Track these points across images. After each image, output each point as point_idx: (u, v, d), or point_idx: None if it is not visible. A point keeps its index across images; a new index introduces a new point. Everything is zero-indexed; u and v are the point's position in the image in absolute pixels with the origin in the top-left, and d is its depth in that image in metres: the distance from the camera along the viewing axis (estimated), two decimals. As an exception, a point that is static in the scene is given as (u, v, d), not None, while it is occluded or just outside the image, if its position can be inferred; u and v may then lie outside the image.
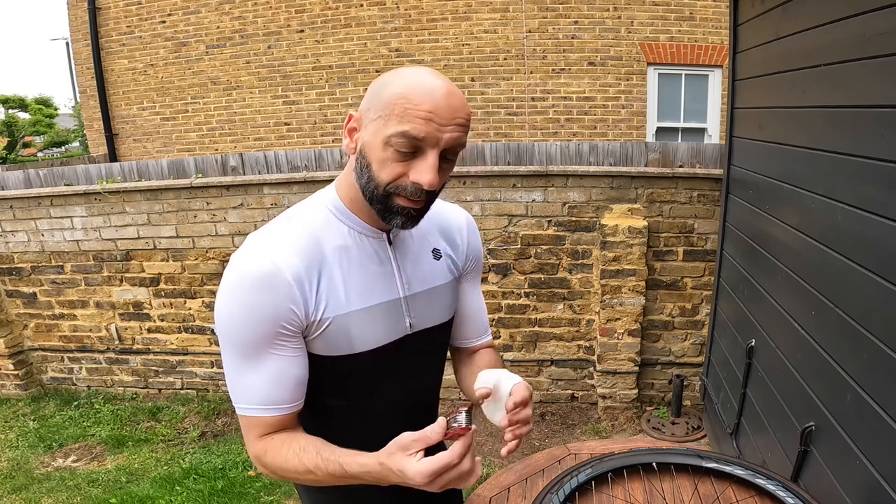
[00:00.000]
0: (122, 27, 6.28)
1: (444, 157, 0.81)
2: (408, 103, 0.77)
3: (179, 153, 6.45)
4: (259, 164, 3.41)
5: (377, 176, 0.81)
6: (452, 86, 0.80)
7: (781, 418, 1.93)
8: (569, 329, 3.26)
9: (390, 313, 0.94)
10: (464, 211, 1.10)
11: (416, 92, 0.77)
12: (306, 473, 0.83)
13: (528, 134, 5.83)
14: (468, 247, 1.06)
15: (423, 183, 0.79)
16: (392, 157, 0.79)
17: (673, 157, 3.05)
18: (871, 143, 1.40)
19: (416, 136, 0.77)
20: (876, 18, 1.36)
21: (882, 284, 1.34)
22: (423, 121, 0.76)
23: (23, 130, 13.81)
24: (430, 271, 0.99)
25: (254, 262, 0.83)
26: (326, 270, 0.87)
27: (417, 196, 0.81)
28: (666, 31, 5.49)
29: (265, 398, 0.86)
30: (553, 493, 1.17)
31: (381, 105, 0.79)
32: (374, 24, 5.81)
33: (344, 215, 0.91)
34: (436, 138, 0.78)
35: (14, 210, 3.43)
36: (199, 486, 2.67)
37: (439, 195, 0.90)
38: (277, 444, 0.87)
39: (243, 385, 0.87)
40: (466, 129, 0.82)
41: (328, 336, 0.88)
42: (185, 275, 3.42)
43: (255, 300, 0.82)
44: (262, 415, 0.87)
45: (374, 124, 0.80)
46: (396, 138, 0.77)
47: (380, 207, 0.84)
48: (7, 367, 3.64)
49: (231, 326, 0.84)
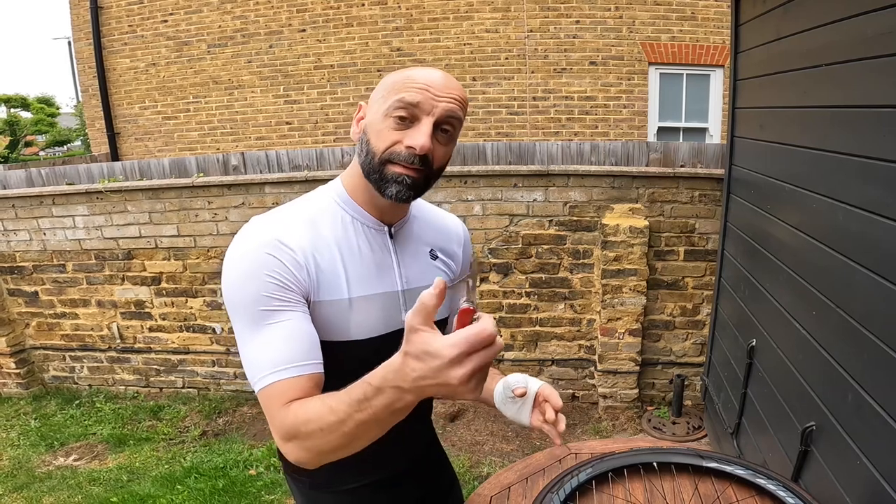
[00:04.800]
0: (124, 26, 6.29)
1: (441, 129, 0.85)
2: (407, 80, 0.84)
3: (181, 152, 6.46)
4: (260, 164, 3.41)
5: (374, 146, 0.86)
6: (453, 77, 0.87)
7: (782, 418, 1.93)
8: (570, 329, 3.26)
9: (388, 305, 0.95)
10: (461, 222, 1.14)
11: (415, 73, 0.85)
12: (329, 414, 0.73)
13: (529, 133, 5.83)
14: (463, 258, 1.10)
15: (417, 145, 0.82)
16: (389, 126, 0.84)
17: (674, 156, 3.05)
18: (873, 143, 1.39)
19: (411, 102, 0.82)
20: (877, 18, 1.36)
21: (883, 284, 1.34)
22: (418, 90, 0.83)
23: (25, 129, 13.84)
24: (428, 269, 1.01)
25: (258, 232, 0.86)
26: (328, 255, 0.89)
27: (411, 161, 0.84)
28: (667, 31, 5.48)
29: (281, 357, 0.81)
30: (554, 492, 1.17)
31: (385, 88, 0.86)
32: (375, 23, 5.81)
33: (347, 205, 0.93)
34: (430, 105, 0.83)
35: (16, 209, 3.44)
36: (200, 484, 2.67)
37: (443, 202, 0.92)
38: (301, 402, 0.79)
39: (257, 353, 0.82)
40: (462, 106, 0.86)
41: (327, 319, 0.89)
42: (187, 274, 3.42)
43: (260, 262, 0.83)
44: (281, 377, 0.81)
45: (376, 104, 0.87)
46: (394, 107, 0.83)
47: (376, 178, 0.87)
48: (9, 365, 3.65)
49: (236, 288, 0.83)
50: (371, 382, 0.70)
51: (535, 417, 0.94)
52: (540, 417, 0.93)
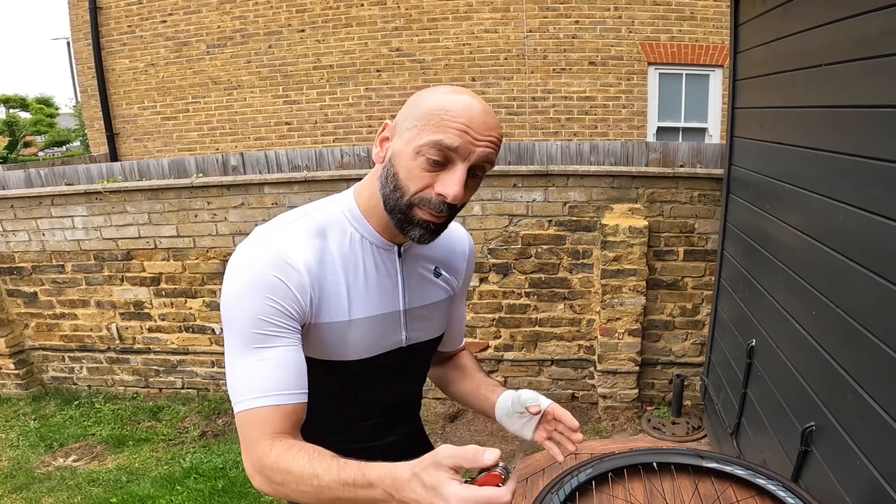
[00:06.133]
0: (122, 27, 6.28)
1: (472, 173, 0.81)
2: (445, 114, 0.77)
3: (180, 153, 6.45)
4: (260, 164, 3.41)
5: (404, 185, 0.80)
6: (489, 106, 0.82)
7: (782, 418, 1.93)
8: (569, 329, 3.26)
9: (388, 325, 0.93)
10: (466, 233, 1.10)
11: (454, 105, 0.78)
12: (311, 478, 0.74)
13: (528, 134, 5.83)
14: (466, 271, 1.08)
15: (448, 195, 0.78)
16: (421, 166, 0.79)
17: (673, 156, 3.05)
18: (872, 143, 1.39)
19: (450, 146, 0.77)
20: (877, 18, 1.36)
21: (883, 284, 1.34)
22: (458, 132, 0.77)
23: (24, 130, 13.83)
24: (431, 288, 0.99)
25: (262, 245, 0.83)
26: (332, 274, 0.86)
27: (440, 210, 0.80)
28: (667, 31, 5.49)
29: (267, 384, 0.80)
30: (553, 492, 1.17)
31: (418, 115, 0.79)
32: (374, 23, 5.81)
33: (358, 223, 0.89)
34: (468, 150, 0.78)
35: (15, 209, 3.43)
36: (199, 485, 2.67)
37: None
38: (287, 447, 0.78)
39: (244, 374, 0.81)
40: (498, 147, 0.82)
41: (323, 340, 0.88)
42: (186, 274, 3.42)
43: (262, 280, 0.80)
44: (264, 404, 0.80)
45: (408, 133, 0.80)
46: (429, 147, 0.77)
47: (400, 217, 0.82)
48: (8, 366, 3.64)
49: (235, 304, 0.81)
50: (366, 474, 0.70)
51: (539, 434, 0.93)
52: (544, 434, 0.93)
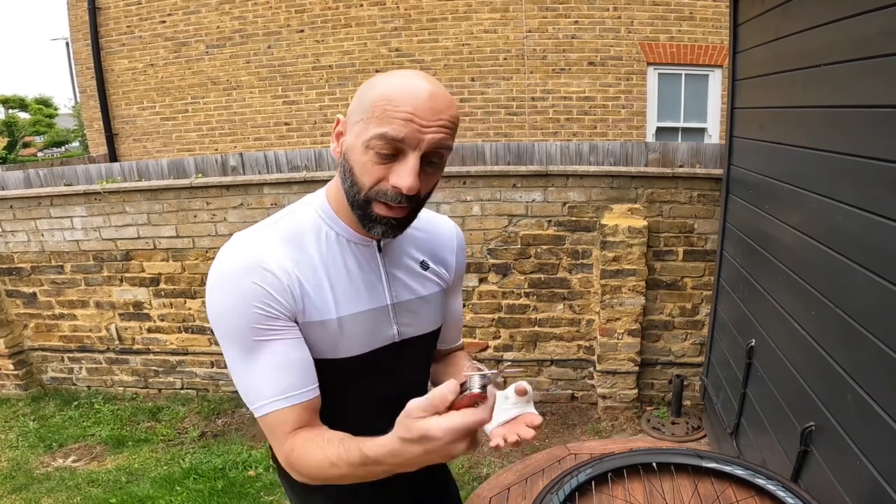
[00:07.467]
0: (122, 27, 6.28)
1: (428, 160, 0.78)
2: (388, 104, 0.75)
3: (179, 153, 6.45)
4: (259, 164, 3.40)
5: (359, 180, 0.79)
6: (439, 87, 0.78)
7: (781, 418, 1.93)
8: (569, 329, 3.26)
9: (377, 320, 0.93)
10: (454, 225, 1.08)
11: (397, 93, 0.75)
12: (330, 467, 0.78)
13: (528, 134, 5.83)
14: (456, 264, 1.06)
15: (403, 187, 0.76)
16: (372, 160, 0.77)
17: (673, 156, 3.05)
18: (872, 143, 1.40)
19: (395, 138, 0.75)
20: (876, 18, 1.36)
21: (882, 284, 1.34)
22: (402, 122, 0.74)
23: (23, 130, 13.82)
24: (419, 281, 0.98)
25: (236, 254, 0.83)
26: (313, 275, 0.86)
27: (397, 202, 0.79)
28: (666, 31, 5.49)
29: (279, 387, 0.83)
30: (553, 492, 1.17)
31: (363, 108, 0.78)
32: (374, 23, 5.81)
33: (332, 221, 0.89)
34: (416, 139, 0.75)
35: (14, 210, 3.43)
36: (199, 486, 2.67)
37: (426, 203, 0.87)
38: (301, 442, 0.82)
39: (252, 381, 0.84)
40: (451, 131, 0.79)
41: (313, 339, 0.88)
42: (185, 275, 3.42)
43: (240, 287, 0.81)
44: (278, 407, 0.83)
45: (356, 126, 0.79)
46: (376, 140, 0.75)
47: (360, 214, 0.82)
48: (7, 366, 3.64)
49: (223, 318, 0.82)
50: (368, 455, 0.72)
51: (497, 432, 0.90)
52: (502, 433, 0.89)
